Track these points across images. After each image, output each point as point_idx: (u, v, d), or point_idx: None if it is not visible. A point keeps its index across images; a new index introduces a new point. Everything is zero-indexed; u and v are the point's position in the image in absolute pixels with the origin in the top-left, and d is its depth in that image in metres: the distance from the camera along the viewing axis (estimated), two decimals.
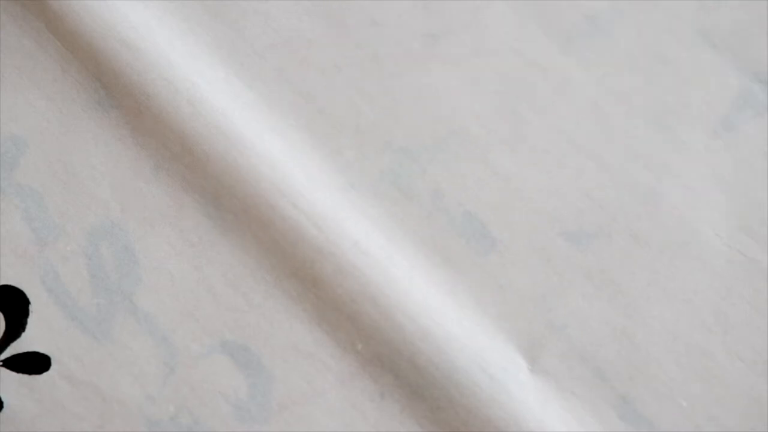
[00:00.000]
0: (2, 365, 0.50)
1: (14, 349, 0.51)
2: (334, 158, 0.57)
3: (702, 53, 0.57)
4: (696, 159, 0.55)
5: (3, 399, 0.51)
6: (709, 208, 0.55)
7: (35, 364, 0.51)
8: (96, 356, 0.53)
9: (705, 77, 0.58)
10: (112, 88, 0.56)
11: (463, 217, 0.56)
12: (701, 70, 0.58)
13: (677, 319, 0.54)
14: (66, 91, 0.56)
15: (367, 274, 0.52)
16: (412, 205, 0.56)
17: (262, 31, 0.60)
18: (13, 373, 0.51)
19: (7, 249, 0.54)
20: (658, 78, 0.57)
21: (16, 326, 0.51)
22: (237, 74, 0.58)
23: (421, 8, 0.57)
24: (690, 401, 0.53)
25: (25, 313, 0.51)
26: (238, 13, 0.58)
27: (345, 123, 0.57)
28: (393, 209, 0.56)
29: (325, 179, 0.56)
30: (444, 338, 0.52)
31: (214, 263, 0.54)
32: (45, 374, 0.51)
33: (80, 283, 0.54)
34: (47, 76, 0.57)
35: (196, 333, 0.53)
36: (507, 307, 0.55)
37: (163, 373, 0.52)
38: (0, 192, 0.55)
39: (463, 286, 0.55)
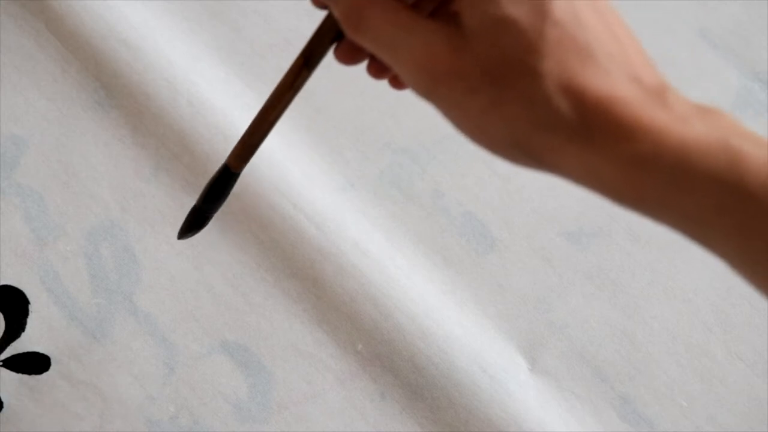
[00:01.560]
0: (2, 365, 0.50)
1: (14, 349, 0.51)
2: (334, 158, 0.57)
3: (702, 53, 0.57)
4: None
5: (3, 399, 0.51)
6: None
7: (35, 364, 0.51)
8: (96, 356, 0.53)
9: (705, 77, 0.58)
10: (112, 88, 0.56)
11: (463, 217, 0.56)
12: (701, 70, 0.58)
13: (677, 319, 0.54)
14: (66, 91, 0.56)
15: (367, 275, 0.52)
16: (412, 205, 0.56)
17: (262, 31, 0.60)
18: (13, 373, 0.51)
19: (7, 249, 0.54)
20: None
21: (16, 326, 0.51)
22: (237, 74, 0.58)
23: None
24: (690, 401, 0.53)
25: (25, 313, 0.51)
26: (238, 13, 0.58)
27: (345, 123, 0.57)
28: (393, 209, 0.56)
29: (325, 179, 0.56)
30: (444, 338, 0.52)
31: (214, 263, 0.54)
32: (45, 374, 0.51)
33: (80, 283, 0.54)
34: (47, 76, 0.57)
35: (196, 333, 0.53)
36: (507, 307, 0.55)
37: (163, 373, 0.52)
38: (0, 192, 0.55)
39: (463, 286, 0.55)
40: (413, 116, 0.57)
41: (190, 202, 0.56)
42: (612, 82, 0.26)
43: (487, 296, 0.54)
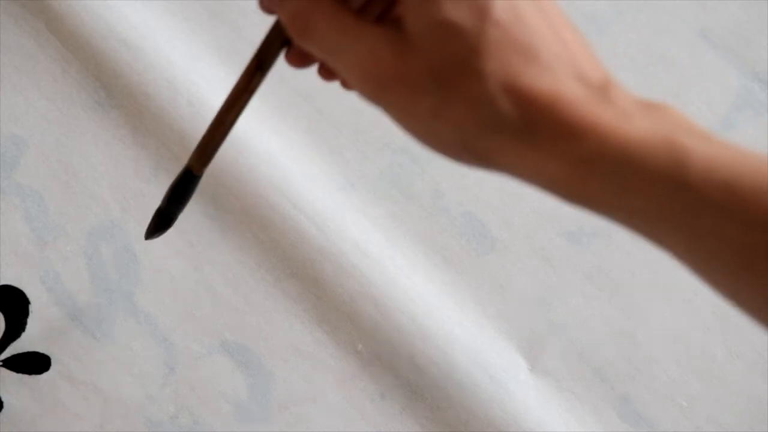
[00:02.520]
0: (2, 365, 0.50)
1: (14, 349, 0.52)
2: (334, 158, 0.57)
3: (702, 53, 0.57)
4: None
5: (3, 399, 0.51)
6: None
7: (35, 364, 0.51)
8: (96, 356, 0.53)
9: (705, 77, 0.58)
10: (112, 88, 0.56)
11: (463, 217, 0.56)
12: (701, 70, 0.58)
13: (677, 319, 0.54)
14: (66, 91, 0.56)
15: (367, 275, 0.52)
16: (412, 205, 0.56)
17: (262, 31, 0.60)
18: (14, 373, 0.51)
19: (7, 249, 0.54)
20: (658, 78, 0.57)
21: (17, 326, 0.51)
22: (237, 74, 0.58)
23: None
24: (690, 401, 0.53)
25: (25, 313, 0.51)
26: (238, 13, 0.58)
27: (345, 123, 0.57)
28: (393, 209, 0.56)
29: (325, 179, 0.56)
30: (444, 338, 0.52)
31: (214, 263, 0.54)
32: (45, 374, 0.51)
33: (80, 283, 0.54)
34: (47, 76, 0.57)
35: (196, 333, 0.53)
36: (507, 307, 0.55)
37: (163, 373, 0.53)
38: (0, 192, 0.55)
39: (463, 286, 0.55)
40: None
41: (190, 202, 0.56)
42: (555, 80, 0.26)
43: (487, 296, 0.54)
